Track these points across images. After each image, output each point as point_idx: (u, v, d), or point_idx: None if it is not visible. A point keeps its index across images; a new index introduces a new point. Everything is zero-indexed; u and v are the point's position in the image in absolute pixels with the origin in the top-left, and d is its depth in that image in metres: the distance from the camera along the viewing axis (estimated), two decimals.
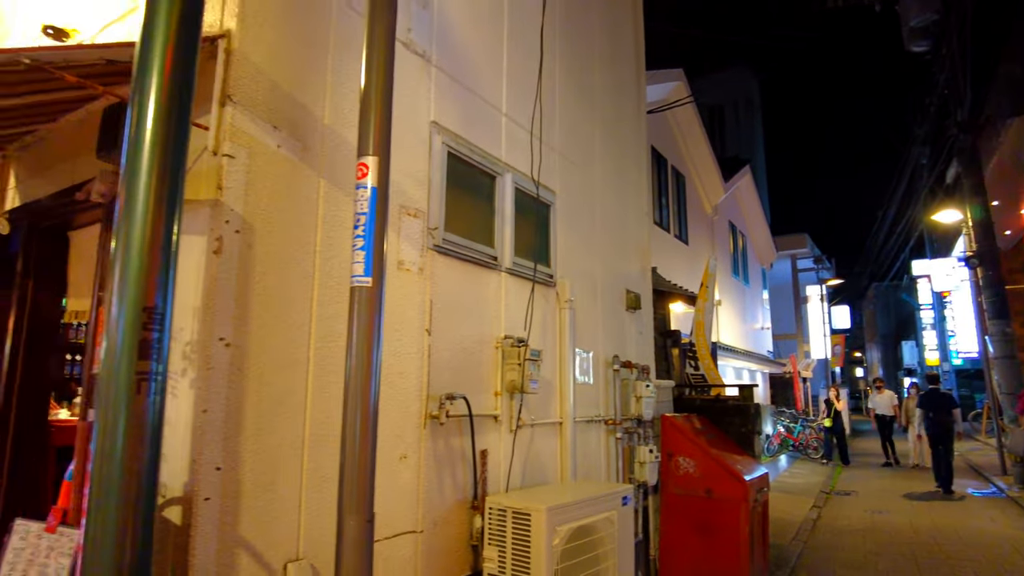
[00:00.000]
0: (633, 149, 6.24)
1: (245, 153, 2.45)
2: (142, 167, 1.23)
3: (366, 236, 1.96)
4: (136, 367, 1.18)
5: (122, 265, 1.18)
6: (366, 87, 2.05)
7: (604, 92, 5.66)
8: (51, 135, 3.35)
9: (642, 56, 6.68)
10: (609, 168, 5.61)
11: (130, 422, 1.16)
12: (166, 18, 1.25)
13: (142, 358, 1.18)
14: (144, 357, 1.19)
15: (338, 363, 2.75)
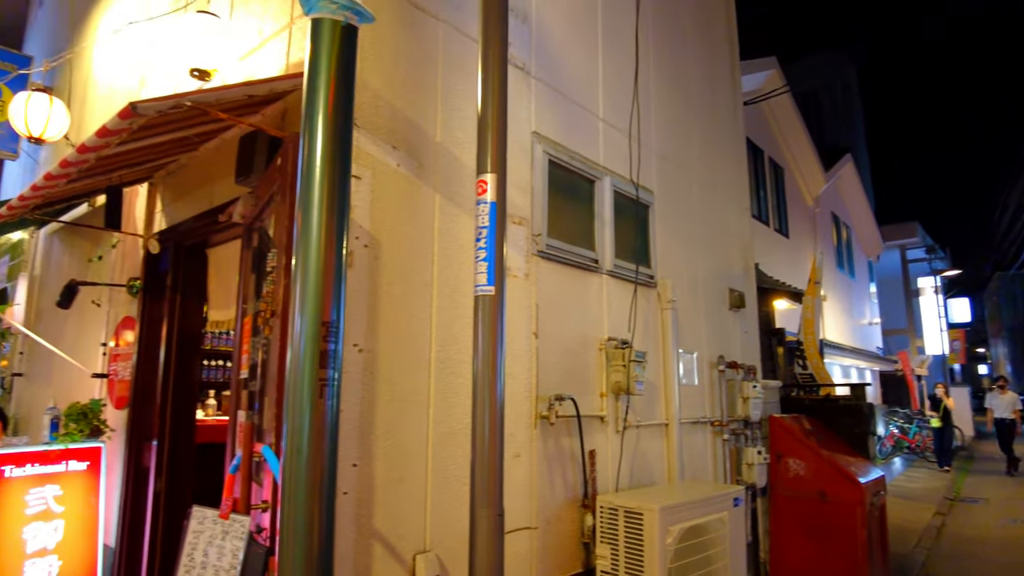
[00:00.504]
0: (730, 143, 6.12)
1: (370, 173, 2.65)
2: (314, 199, 1.40)
3: (488, 248, 2.09)
4: (318, 375, 1.35)
5: (302, 285, 1.36)
6: (483, 109, 2.18)
7: (699, 87, 5.60)
8: (192, 163, 3.71)
9: (736, 47, 6.54)
10: (706, 164, 5.53)
11: (314, 423, 1.33)
12: (327, 62, 1.41)
13: (322, 367, 1.35)
14: (323, 366, 1.36)
15: (456, 365, 2.92)
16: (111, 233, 4.27)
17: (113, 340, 4.19)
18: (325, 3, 1.37)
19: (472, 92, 3.15)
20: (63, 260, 5.36)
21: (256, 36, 3.37)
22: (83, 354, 4.48)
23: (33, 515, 3.39)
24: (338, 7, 1.38)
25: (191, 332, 3.73)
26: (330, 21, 1.39)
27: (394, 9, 2.86)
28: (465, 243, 3.04)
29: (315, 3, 1.38)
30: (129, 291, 3.97)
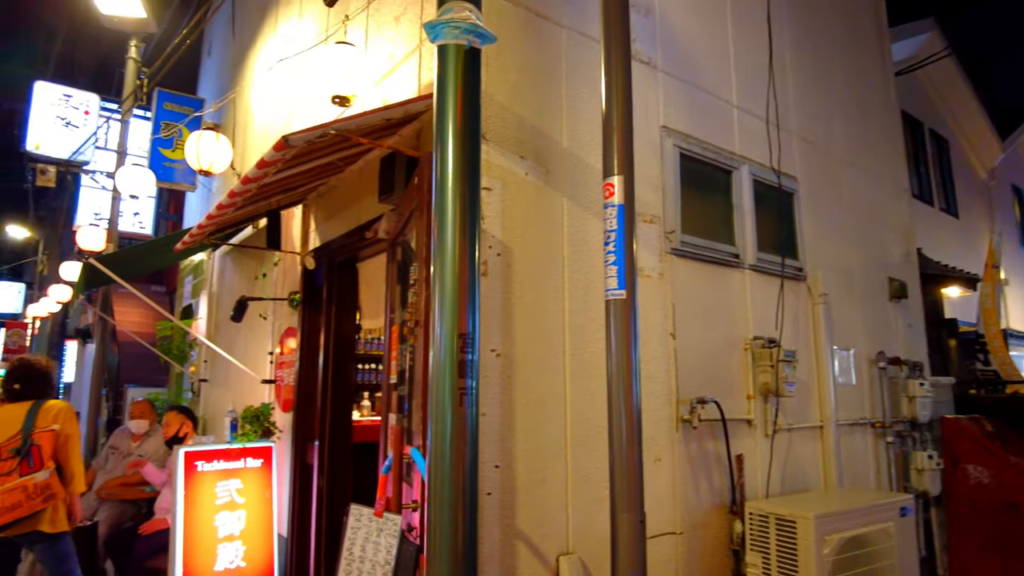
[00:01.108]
0: (881, 118, 5.59)
1: (499, 184, 2.72)
2: (448, 215, 1.47)
3: (617, 251, 2.07)
4: (457, 384, 1.42)
5: (440, 299, 1.43)
6: (607, 111, 2.16)
7: (842, 60, 5.17)
8: (339, 184, 4.00)
9: (882, 12, 5.96)
10: (855, 144, 5.10)
11: (455, 429, 1.40)
12: (454, 85, 1.48)
13: (460, 376, 1.42)
14: (462, 375, 1.43)
15: (590, 368, 2.92)
16: (272, 252, 4.72)
17: (278, 349, 4.62)
18: (449, 29, 1.43)
19: (597, 94, 3.14)
20: (234, 278, 6.00)
21: (389, 61, 3.58)
22: (253, 362, 4.98)
23: (221, 505, 3.83)
24: (461, 32, 1.44)
25: (346, 340, 4.02)
26: (454, 46, 1.46)
27: (516, 21, 2.92)
28: (595, 246, 3.03)
29: (440, 31, 1.45)
30: (290, 304, 4.37)
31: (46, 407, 3.68)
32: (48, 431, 3.58)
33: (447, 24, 1.43)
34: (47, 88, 7.35)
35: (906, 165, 5.87)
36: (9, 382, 3.79)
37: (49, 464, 3.53)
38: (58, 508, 3.59)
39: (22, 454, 3.52)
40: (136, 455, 5.43)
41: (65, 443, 3.65)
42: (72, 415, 3.77)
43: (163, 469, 5.02)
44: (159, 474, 4.82)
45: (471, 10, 1.45)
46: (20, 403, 3.69)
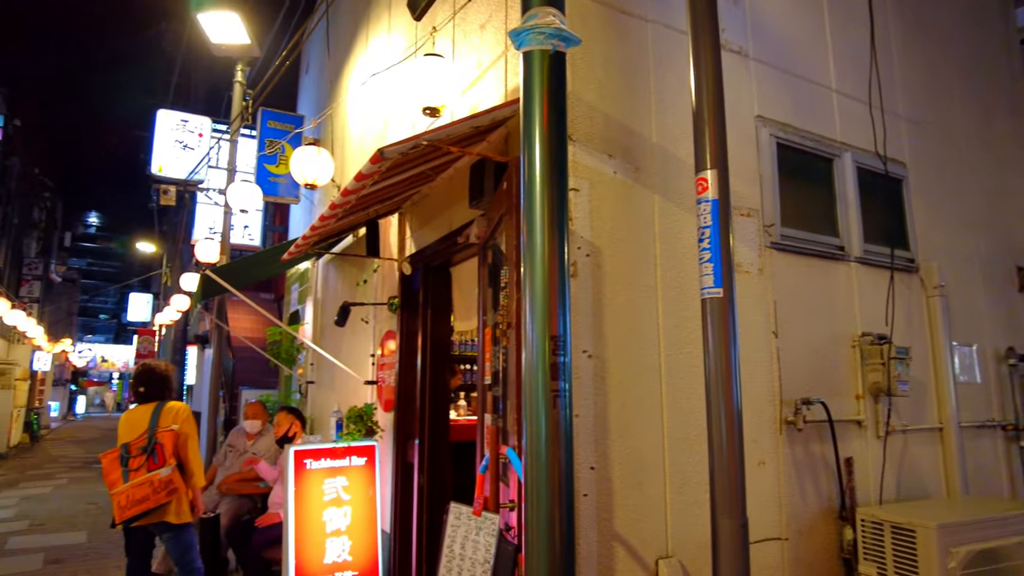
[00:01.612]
0: (1005, 91, 5.12)
1: (587, 184, 2.71)
2: (536, 221, 1.49)
3: (712, 248, 2.02)
4: (550, 386, 1.43)
5: (531, 301, 1.45)
6: (697, 104, 2.11)
7: (956, 30, 4.78)
8: (432, 192, 4.12)
9: None
10: (973, 121, 4.70)
11: (550, 430, 1.42)
12: (540, 90, 1.50)
13: (553, 378, 1.44)
14: (555, 377, 1.44)
15: (687, 369, 2.85)
16: (371, 259, 4.92)
17: (379, 351, 4.81)
18: (533, 36, 1.45)
19: (686, 87, 3.07)
20: (337, 284, 6.30)
21: (475, 68, 3.65)
22: (356, 364, 5.21)
23: (328, 501, 4.03)
24: (546, 37, 1.45)
25: (441, 342, 4.13)
26: (539, 52, 1.47)
27: (600, 19, 2.90)
28: (688, 243, 2.96)
29: (525, 37, 1.46)
30: (389, 308, 4.54)
31: (167, 408, 4.00)
32: (169, 431, 3.89)
33: (531, 31, 1.45)
34: (168, 115, 8.03)
35: None
36: (135, 385, 4.15)
37: (171, 461, 3.84)
38: (181, 501, 3.89)
39: (148, 452, 3.84)
40: (251, 453, 5.81)
41: (184, 442, 3.95)
42: (190, 416, 4.08)
43: (275, 466, 5.35)
44: (271, 471, 5.13)
45: (555, 14, 1.46)
46: (146, 405, 4.04)
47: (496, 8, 3.48)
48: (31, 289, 17.39)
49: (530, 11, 1.47)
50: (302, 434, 5.14)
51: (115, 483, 3.77)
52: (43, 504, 9.59)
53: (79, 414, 37.89)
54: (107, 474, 3.82)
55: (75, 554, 6.68)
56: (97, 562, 6.35)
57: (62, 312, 26.58)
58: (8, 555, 6.65)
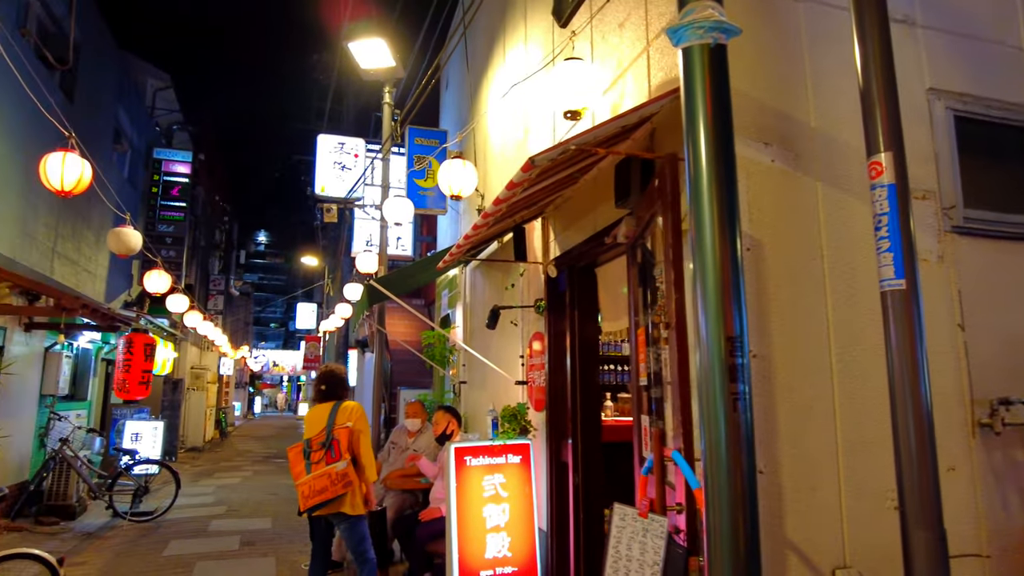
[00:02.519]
0: None
1: (743, 175, 2.61)
2: (705, 220, 1.47)
3: (891, 236, 1.87)
4: (729, 389, 1.41)
5: (703, 301, 1.44)
6: (865, 83, 1.97)
7: None
8: (575, 195, 4.16)
9: None
10: None
11: (730, 436, 1.39)
12: (702, 87, 1.47)
13: (732, 380, 1.41)
14: (733, 380, 1.41)
15: (861, 367, 2.66)
16: (517, 264, 5.06)
17: (527, 352, 4.93)
18: (692, 31, 1.42)
19: (844, 65, 2.86)
20: (485, 289, 6.54)
21: (616, 68, 3.64)
22: (506, 365, 5.38)
23: (488, 498, 4.20)
24: (705, 31, 1.42)
25: (589, 342, 4.16)
26: (699, 47, 1.44)
27: (746, 2, 2.79)
28: (858, 231, 2.76)
29: (683, 33, 1.44)
30: (536, 310, 4.64)
31: (343, 407, 4.36)
32: (344, 428, 4.23)
33: (689, 26, 1.42)
34: (326, 139, 8.77)
35: None
36: (318, 384, 4.56)
37: (346, 456, 4.17)
38: (355, 494, 4.21)
39: (326, 447, 4.21)
40: (412, 449, 6.18)
41: (358, 438, 4.28)
42: (363, 414, 4.41)
43: (434, 463, 5.65)
44: (431, 467, 5.42)
45: (713, 7, 1.42)
46: (325, 403, 4.42)
47: (635, 6, 3.45)
48: (216, 303, 19.69)
49: (688, 5, 1.44)
50: (459, 431, 5.38)
51: (299, 474, 4.18)
52: (235, 493, 10.81)
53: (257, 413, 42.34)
54: (293, 466, 4.24)
55: (263, 537, 7.47)
56: (282, 545, 7.06)
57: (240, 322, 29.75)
58: (213, 536, 7.59)
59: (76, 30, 7.68)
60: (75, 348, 9.49)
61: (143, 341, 8.61)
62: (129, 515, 8.18)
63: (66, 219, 9.08)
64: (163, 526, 8.08)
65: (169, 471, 9.10)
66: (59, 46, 7.74)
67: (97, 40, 10.06)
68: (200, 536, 7.55)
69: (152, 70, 13.51)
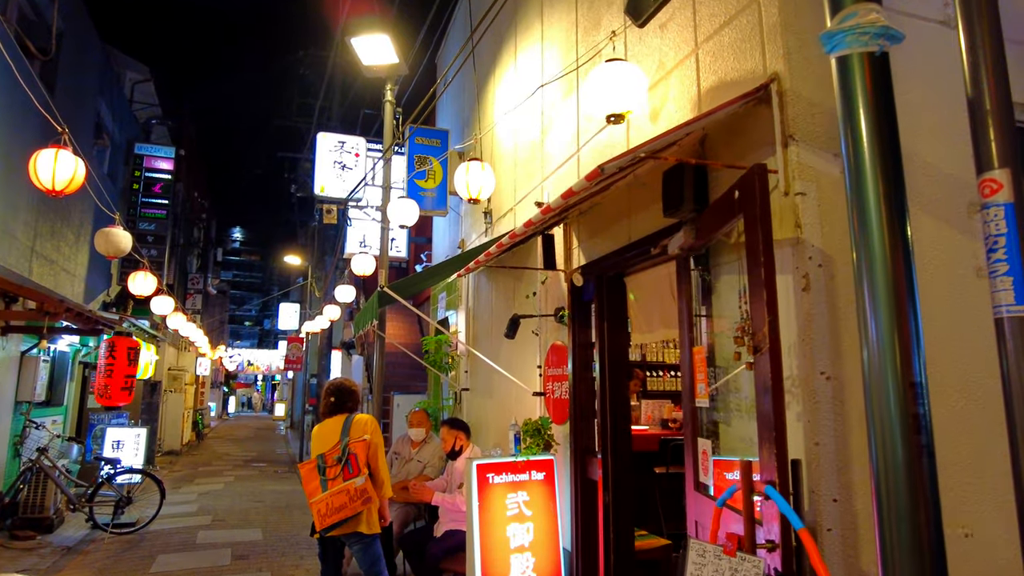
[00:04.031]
0: None
1: (814, 187, 2.48)
2: (875, 251, 1.31)
3: (1010, 259, 1.74)
4: (912, 441, 1.25)
5: (878, 343, 1.28)
6: (975, 95, 1.83)
7: None
8: (603, 201, 4.00)
9: None
10: None
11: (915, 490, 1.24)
12: (864, 98, 1.32)
13: (915, 432, 1.25)
14: (916, 431, 1.26)
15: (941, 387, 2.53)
16: (532, 271, 4.89)
17: (545, 363, 4.77)
18: (854, 37, 1.27)
19: (919, 74, 2.75)
20: (491, 294, 6.36)
21: (657, 70, 3.49)
22: (518, 375, 5.20)
23: (511, 516, 4.02)
24: (871, 38, 1.27)
25: (619, 353, 4.01)
26: (859, 55, 1.29)
27: (813, 5, 2.64)
28: (925, 246, 2.64)
29: (842, 39, 1.29)
30: (557, 319, 4.48)
31: (357, 419, 4.15)
32: (361, 441, 4.03)
33: (851, 31, 1.27)
34: (326, 137, 8.49)
35: None
36: (327, 396, 4.34)
37: (364, 470, 3.96)
38: (372, 511, 4.01)
39: (343, 462, 3.99)
40: (416, 460, 5.98)
41: (375, 452, 4.08)
42: (378, 426, 4.21)
43: (441, 476, 5.46)
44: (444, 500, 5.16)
45: (877, 10, 1.28)
46: (336, 417, 4.21)
47: (680, 6, 3.31)
48: (194, 302, 19.17)
49: (848, 9, 1.29)
50: (469, 445, 5.19)
51: (314, 492, 3.96)
52: (218, 500, 10.46)
53: (232, 413, 41.51)
54: (306, 483, 4.02)
55: (256, 551, 7.19)
56: (276, 560, 6.80)
57: (216, 321, 29.11)
58: (201, 549, 7.28)
59: (58, 18, 7.31)
60: (52, 352, 9.08)
61: (126, 345, 8.25)
62: (111, 527, 7.83)
63: (46, 217, 8.68)
64: (147, 539, 7.74)
65: (153, 480, 8.76)
66: (41, 35, 7.37)
67: (79, 30, 9.64)
68: (188, 550, 7.24)
69: (131, 63, 13.06)
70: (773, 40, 2.61)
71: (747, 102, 2.53)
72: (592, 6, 4.29)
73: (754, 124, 2.72)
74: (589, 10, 4.33)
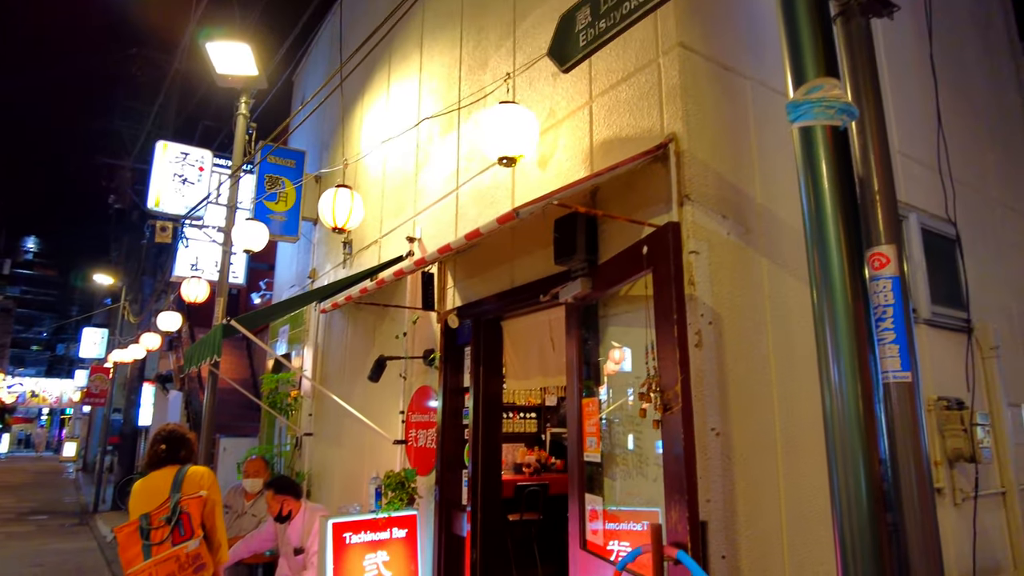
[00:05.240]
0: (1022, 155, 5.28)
1: (706, 247, 2.55)
2: (840, 323, 1.30)
3: (896, 328, 1.86)
4: (881, 520, 1.22)
5: (841, 415, 1.25)
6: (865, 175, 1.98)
7: (984, 96, 4.92)
8: (482, 243, 3.89)
9: (1016, 43, 5.69)
10: (1005, 183, 4.81)
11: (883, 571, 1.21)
12: (828, 170, 1.31)
13: (884, 510, 1.23)
14: (886, 508, 1.24)
15: (804, 444, 2.68)
16: (398, 310, 4.64)
17: (409, 409, 4.50)
18: (822, 110, 1.28)
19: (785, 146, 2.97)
20: (345, 331, 5.95)
21: (548, 117, 3.49)
22: (378, 420, 4.85)
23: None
24: (836, 111, 1.28)
25: (494, 400, 3.86)
26: (823, 128, 1.31)
27: (708, 74, 2.79)
28: (794, 309, 2.82)
29: (809, 111, 1.30)
30: (426, 362, 4.25)
31: (191, 472, 3.59)
32: (195, 497, 3.48)
33: (818, 103, 1.28)
34: (168, 147, 7.56)
35: None
36: (156, 444, 3.72)
37: (198, 532, 3.42)
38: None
39: (172, 522, 3.42)
40: (250, 514, 5.35)
41: (212, 510, 3.54)
42: (216, 480, 3.67)
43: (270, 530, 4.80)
44: (264, 542, 4.63)
45: (839, 86, 1.30)
46: (165, 468, 3.61)
47: None
48: None
49: (813, 82, 1.30)
50: (300, 507, 4.55)
51: (133, 560, 3.33)
52: None
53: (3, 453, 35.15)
54: (123, 551, 3.37)
55: None
56: None
57: None
58: None
59: None
60: None
61: None
62: None
63: None
64: None
65: None
66: None
67: None
68: None
69: None
70: (672, 101, 2.69)
71: (646, 160, 2.57)
72: (479, 45, 4.24)
73: (647, 181, 2.77)
74: (475, 49, 4.28)
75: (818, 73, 1.35)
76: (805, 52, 1.37)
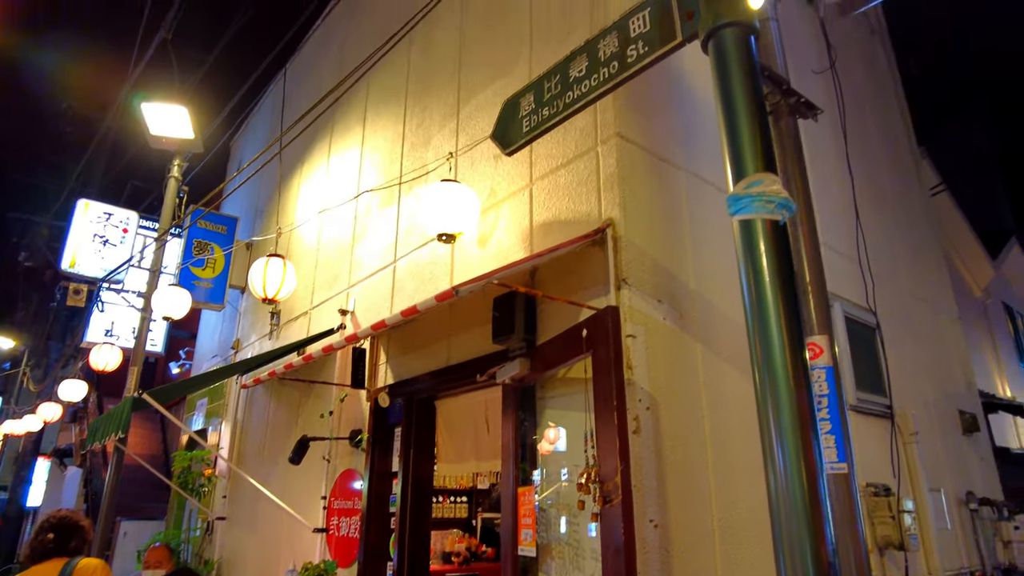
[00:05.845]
0: (926, 246, 5.69)
1: (643, 331, 2.55)
2: (785, 422, 1.27)
3: (832, 419, 1.88)
4: None
5: (786, 507, 1.21)
6: (798, 266, 2.05)
7: (891, 190, 5.31)
8: (419, 318, 3.81)
9: (913, 137, 6.24)
10: (912, 274, 5.14)
11: None
12: (769, 263, 1.32)
13: None
14: None
15: (741, 533, 2.63)
16: (324, 386, 4.42)
17: (331, 494, 4.22)
18: (762, 204, 1.31)
19: (717, 235, 3.07)
20: (267, 407, 5.62)
21: (488, 197, 3.51)
22: (297, 506, 4.52)
23: None
24: (776, 206, 1.31)
25: (425, 486, 3.67)
26: (763, 221, 1.33)
27: (645, 163, 2.88)
28: (728, 396, 2.84)
29: (750, 205, 1.32)
30: (352, 443, 4.03)
31: (82, 565, 3.20)
32: None
33: (759, 198, 1.31)
34: (89, 206, 7.16)
35: (952, 291, 5.92)
36: (42, 532, 3.31)
37: None
38: None
39: None
40: None
41: None
42: (110, 574, 3.30)
43: None
44: None
45: (777, 181, 1.34)
46: (51, 562, 3.21)
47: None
48: None
49: (754, 176, 1.34)
50: None
51: None
52: None
53: None
54: None
55: None
56: None
57: None
58: None
59: None
60: None
61: None
62: None
63: None
64: None
65: None
66: None
67: None
68: None
69: None
70: (610, 188, 2.75)
71: (585, 243, 2.59)
72: (422, 124, 4.29)
73: (586, 264, 2.78)
74: (419, 127, 4.32)
75: (757, 168, 1.39)
76: (744, 147, 1.42)
